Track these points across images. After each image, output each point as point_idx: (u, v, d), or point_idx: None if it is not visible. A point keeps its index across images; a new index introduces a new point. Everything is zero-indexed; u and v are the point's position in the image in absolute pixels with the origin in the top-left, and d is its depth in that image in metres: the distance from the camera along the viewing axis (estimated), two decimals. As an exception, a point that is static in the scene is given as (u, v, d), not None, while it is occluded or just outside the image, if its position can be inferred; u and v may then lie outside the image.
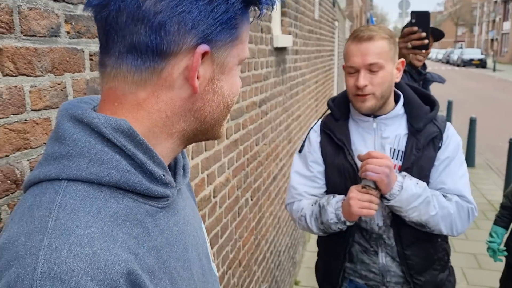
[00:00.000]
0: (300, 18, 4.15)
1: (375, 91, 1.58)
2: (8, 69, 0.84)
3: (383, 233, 1.70)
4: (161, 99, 0.63)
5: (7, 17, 0.83)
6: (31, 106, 0.90)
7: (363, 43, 1.56)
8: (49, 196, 0.57)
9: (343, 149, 1.70)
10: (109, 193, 0.59)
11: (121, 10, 0.58)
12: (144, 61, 0.60)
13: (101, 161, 0.59)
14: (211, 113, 0.68)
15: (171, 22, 0.58)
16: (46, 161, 0.61)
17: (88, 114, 0.60)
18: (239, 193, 2.48)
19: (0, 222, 0.83)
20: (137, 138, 0.61)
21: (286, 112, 3.64)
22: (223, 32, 0.63)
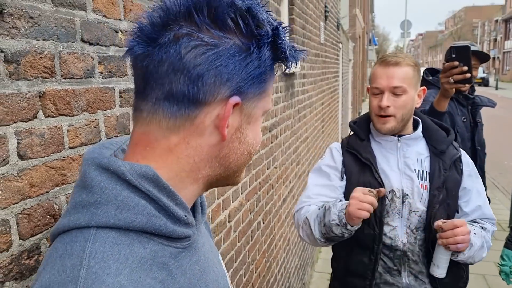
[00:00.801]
0: (307, 43, 4.24)
1: (396, 113, 1.69)
2: (49, 110, 0.89)
3: (408, 250, 1.74)
4: (190, 145, 0.67)
5: (50, 63, 0.89)
6: (68, 144, 0.95)
7: (390, 67, 1.69)
8: (80, 244, 0.59)
9: (369, 168, 1.77)
10: (135, 238, 0.62)
11: (163, 60, 0.62)
12: (179, 108, 0.64)
13: (128, 207, 0.62)
14: (235, 160, 0.72)
15: (208, 74, 0.62)
16: (75, 209, 0.63)
17: (114, 163, 0.63)
18: (252, 216, 2.52)
19: (40, 255, 0.88)
20: (161, 183, 0.64)
21: (294, 135, 3.70)
22: (253, 85, 0.67)
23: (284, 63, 0.70)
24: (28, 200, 0.84)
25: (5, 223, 0.79)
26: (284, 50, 0.67)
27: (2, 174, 0.78)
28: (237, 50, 0.63)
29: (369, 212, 1.54)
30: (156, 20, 0.63)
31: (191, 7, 0.62)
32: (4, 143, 0.78)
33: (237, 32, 0.63)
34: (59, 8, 0.91)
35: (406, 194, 1.74)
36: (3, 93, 0.78)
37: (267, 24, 0.65)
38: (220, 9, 0.62)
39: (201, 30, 0.62)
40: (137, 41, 0.64)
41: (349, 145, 1.86)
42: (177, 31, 0.62)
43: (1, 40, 0.77)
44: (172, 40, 0.62)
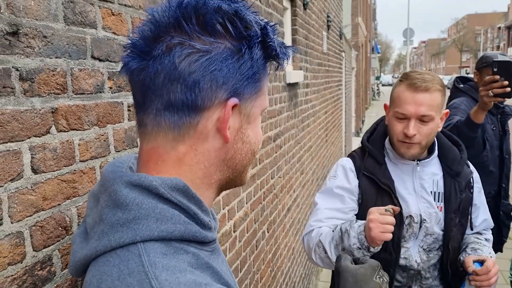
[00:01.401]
0: (310, 53, 4.28)
1: (421, 141, 1.62)
2: (61, 125, 0.92)
3: (422, 269, 1.72)
4: (199, 152, 0.68)
5: (62, 80, 0.92)
6: (79, 158, 0.98)
7: (419, 93, 1.57)
8: (134, 261, 0.60)
9: (388, 193, 1.69)
10: (178, 246, 0.64)
11: (159, 72, 0.64)
12: (180, 117, 0.66)
13: (166, 218, 0.63)
14: (241, 161, 0.74)
15: (204, 79, 0.64)
16: (113, 229, 0.63)
17: (145, 178, 0.65)
18: (257, 226, 2.54)
19: (52, 266, 0.90)
20: (190, 193, 0.67)
21: (298, 144, 3.72)
22: (249, 85, 0.69)
23: (276, 60, 0.72)
24: (41, 213, 0.87)
25: (19, 235, 0.82)
26: (275, 47, 0.69)
27: (17, 188, 0.81)
28: (229, 53, 0.65)
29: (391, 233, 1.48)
30: (147, 34, 0.65)
31: (179, 17, 0.64)
32: (19, 158, 0.81)
33: (227, 35, 0.65)
34: (71, 27, 0.94)
35: (424, 219, 1.69)
36: (18, 109, 0.81)
37: (255, 25, 0.67)
38: (208, 15, 0.64)
39: (192, 38, 0.64)
40: (131, 56, 0.66)
41: (366, 168, 1.75)
42: (169, 41, 0.63)
43: (16, 59, 0.80)
44: (165, 51, 0.63)
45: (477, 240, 1.76)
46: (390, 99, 1.70)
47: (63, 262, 0.93)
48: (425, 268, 1.73)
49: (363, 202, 1.74)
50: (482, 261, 1.60)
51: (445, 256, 1.72)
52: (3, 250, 0.78)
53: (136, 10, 1.20)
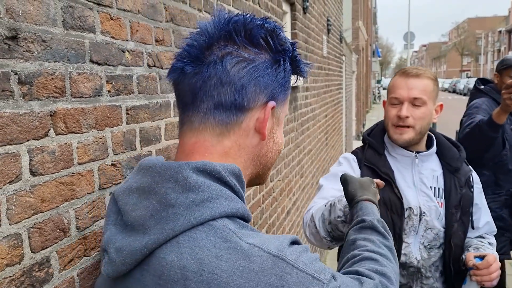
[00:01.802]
0: (310, 57, 4.29)
1: (415, 125, 1.67)
2: (60, 128, 0.93)
3: (421, 267, 1.73)
4: (241, 147, 0.79)
5: (61, 83, 0.93)
6: (77, 160, 0.99)
7: (410, 78, 1.69)
8: (223, 230, 0.68)
9: (389, 183, 1.71)
10: (240, 221, 0.73)
11: (212, 76, 0.74)
12: (228, 115, 0.76)
13: (231, 198, 0.73)
14: (271, 158, 0.85)
15: (250, 84, 0.75)
16: (188, 209, 0.69)
17: (210, 164, 0.73)
18: (256, 229, 2.54)
19: (49, 268, 0.91)
20: (241, 178, 0.77)
21: (298, 148, 3.73)
22: (281, 92, 0.81)
23: (300, 73, 0.84)
24: (40, 215, 0.88)
25: (17, 237, 0.83)
26: (301, 62, 0.83)
27: (15, 190, 0.82)
28: (269, 63, 0.77)
29: None
30: (202, 43, 0.75)
31: (231, 30, 0.75)
32: (18, 161, 0.82)
33: (268, 48, 0.77)
34: (69, 31, 0.95)
35: (423, 212, 1.71)
36: (17, 113, 0.82)
37: (288, 42, 0.80)
38: (254, 30, 0.76)
39: (240, 48, 0.75)
40: (186, 61, 0.76)
41: (367, 159, 1.80)
42: (222, 50, 0.75)
43: (15, 63, 0.82)
44: (219, 58, 0.74)
45: (479, 244, 1.77)
46: (387, 91, 1.79)
47: (61, 264, 0.94)
48: (425, 266, 1.73)
49: None
50: (483, 257, 1.61)
51: (447, 253, 1.72)
52: (1, 251, 0.79)
53: (135, 14, 1.22)
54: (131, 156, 1.20)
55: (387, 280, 0.84)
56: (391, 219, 1.71)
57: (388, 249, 0.98)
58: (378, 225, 1.05)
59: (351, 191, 1.26)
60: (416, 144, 1.74)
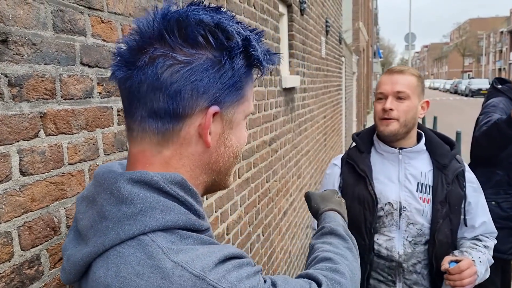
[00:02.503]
0: (308, 58, 4.31)
1: (399, 117, 1.74)
2: (50, 129, 0.96)
3: (403, 262, 1.76)
4: (183, 155, 0.73)
5: (51, 85, 0.95)
6: (68, 161, 1.01)
7: (394, 74, 1.78)
8: (150, 246, 0.64)
9: (364, 180, 1.82)
10: (182, 234, 0.68)
11: (142, 82, 0.68)
12: (163, 124, 0.70)
13: (169, 209, 0.68)
14: (224, 164, 0.78)
15: (185, 89, 0.68)
16: (120, 223, 0.67)
17: (146, 174, 0.69)
18: (251, 229, 2.56)
19: (40, 266, 0.93)
20: (187, 186, 0.72)
21: (295, 149, 3.75)
22: (230, 94, 0.73)
23: (259, 68, 0.76)
24: (29, 214, 0.90)
25: (7, 235, 0.85)
26: (257, 56, 0.73)
27: (5, 189, 0.84)
28: (210, 64, 0.69)
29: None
30: (133, 44, 0.69)
31: (162, 29, 0.68)
32: (7, 161, 0.85)
33: (208, 47, 0.69)
34: (60, 35, 0.98)
35: (403, 207, 1.77)
36: (6, 114, 0.84)
37: (237, 36, 0.70)
38: (190, 28, 0.68)
39: (174, 50, 0.68)
40: (118, 65, 0.70)
41: (349, 156, 1.93)
42: (152, 53, 0.67)
43: (5, 65, 0.84)
44: (149, 62, 0.67)
45: (472, 246, 1.78)
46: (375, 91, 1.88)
47: (51, 262, 0.96)
48: (407, 261, 1.77)
49: (344, 187, 1.88)
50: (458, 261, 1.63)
51: (430, 249, 1.75)
52: (-9, 249, 0.81)
53: (126, 17, 1.24)
54: (122, 156, 1.22)
55: (340, 275, 0.84)
56: (363, 214, 1.79)
57: (348, 249, 0.98)
58: (337, 228, 1.06)
59: (314, 206, 1.30)
60: (402, 139, 1.80)
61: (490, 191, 2.65)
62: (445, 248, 1.77)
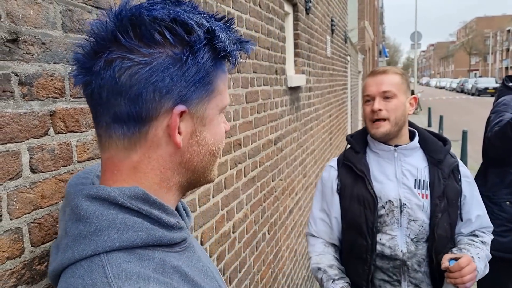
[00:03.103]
0: (313, 57, 4.32)
1: (389, 116, 1.76)
2: (59, 127, 0.97)
3: (407, 260, 1.76)
4: (152, 158, 0.70)
5: (60, 84, 0.97)
6: (77, 159, 1.03)
7: (377, 75, 1.81)
8: (98, 272, 0.61)
9: (363, 179, 1.83)
10: (142, 253, 0.65)
11: (102, 87, 0.65)
12: (128, 128, 0.67)
13: (127, 227, 0.65)
14: (200, 163, 0.74)
15: (146, 91, 0.64)
16: (76, 242, 0.65)
17: (103, 190, 0.66)
18: (257, 228, 2.57)
19: (49, 262, 0.95)
20: (151, 199, 0.68)
21: (300, 148, 3.76)
22: (197, 90, 0.68)
23: (228, 59, 0.72)
24: (39, 210, 0.92)
25: (18, 231, 0.86)
26: (224, 48, 0.68)
27: (16, 187, 0.86)
28: (170, 62, 0.65)
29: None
30: (88, 49, 0.66)
31: (115, 31, 0.64)
32: (18, 158, 0.86)
33: (167, 44, 0.65)
34: (68, 34, 0.99)
35: (404, 204, 1.78)
36: (17, 112, 0.86)
37: (198, 29, 0.65)
38: (144, 27, 0.64)
39: (131, 51, 0.64)
40: (76, 72, 0.67)
41: (345, 157, 1.94)
42: (107, 56, 0.64)
43: (16, 64, 0.85)
44: (105, 66, 0.64)
45: (470, 242, 1.79)
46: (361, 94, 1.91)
47: (60, 258, 0.98)
48: (411, 259, 1.77)
49: (342, 189, 1.89)
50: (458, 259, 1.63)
51: (430, 244, 1.76)
52: (3, 245, 0.83)
53: (134, 17, 1.25)
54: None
55: None
56: (364, 214, 1.80)
57: None
58: None
59: None
60: (395, 138, 1.82)
61: (504, 191, 2.62)
62: (445, 243, 1.78)
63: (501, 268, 2.60)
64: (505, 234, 2.56)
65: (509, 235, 2.56)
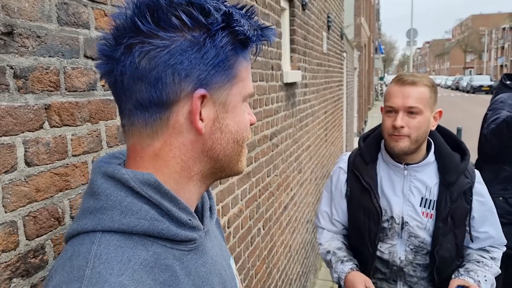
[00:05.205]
0: (309, 53, 4.32)
1: (411, 134, 1.63)
2: (54, 121, 0.97)
3: (404, 267, 1.77)
4: (174, 146, 0.69)
5: (55, 78, 0.97)
6: (72, 152, 1.03)
7: (406, 86, 1.63)
8: (86, 246, 0.63)
9: (369, 192, 1.77)
10: (139, 241, 0.65)
11: (123, 73, 0.65)
12: (151, 114, 0.67)
13: (132, 212, 0.65)
14: (223, 151, 0.73)
15: (166, 74, 0.65)
16: (83, 215, 0.67)
17: (118, 171, 0.67)
18: (252, 223, 2.58)
19: (44, 255, 0.95)
20: (162, 189, 0.68)
21: (296, 144, 3.76)
22: (217, 74, 0.68)
23: (249, 44, 0.71)
24: (34, 204, 0.92)
25: (13, 224, 0.86)
26: (243, 31, 0.67)
27: (10, 180, 0.86)
28: (188, 44, 0.65)
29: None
30: (110, 38, 0.67)
31: (134, 17, 0.64)
32: (13, 151, 0.86)
33: (185, 27, 0.65)
34: (64, 27, 0.99)
35: (405, 222, 1.74)
36: (12, 105, 0.86)
37: (215, 12, 0.66)
38: (161, 11, 0.64)
39: (150, 36, 0.64)
40: (100, 62, 0.68)
41: (354, 165, 1.85)
42: (127, 42, 0.65)
43: (11, 57, 0.85)
44: (126, 52, 0.65)
45: (479, 258, 1.75)
46: (384, 98, 1.75)
47: (55, 251, 0.98)
48: (407, 265, 1.77)
49: (351, 195, 1.86)
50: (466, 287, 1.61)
51: (431, 263, 1.74)
52: (-3, 238, 0.83)
53: (129, 11, 1.25)
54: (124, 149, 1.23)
55: None
56: (368, 225, 1.77)
57: None
58: None
59: None
60: (412, 153, 1.71)
61: (498, 187, 2.65)
62: (448, 263, 1.75)
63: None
64: None
65: None
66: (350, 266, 1.75)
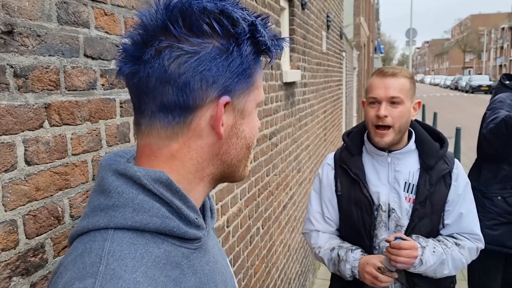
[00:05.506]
0: (308, 52, 4.32)
1: (394, 124, 1.70)
2: (54, 120, 0.97)
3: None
4: (192, 148, 0.71)
5: (55, 77, 0.97)
6: (71, 151, 1.03)
7: (387, 78, 1.72)
8: (98, 243, 0.63)
9: (358, 183, 1.82)
10: (150, 238, 0.66)
11: (150, 75, 0.66)
12: (174, 117, 0.68)
13: (144, 209, 0.66)
14: (236, 155, 0.75)
15: (194, 80, 0.66)
16: (93, 212, 0.67)
17: (130, 168, 0.67)
18: (251, 222, 2.58)
19: (44, 254, 0.95)
20: (174, 187, 0.68)
21: (295, 143, 3.77)
22: (240, 82, 0.70)
23: (268, 54, 0.74)
24: (34, 203, 0.92)
25: (13, 223, 0.86)
26: (264, 42, 0.71)
27: (10, 179, 0.86)
28: (217, 52, 0.67)
29: None
30: (137, 39, 0.67)
31: (166, 20, 0.65)
32: (13, 150, 0.86)
33: (214, 35, 0.67)
34: (64, 27, 0.99)
35: (392, 209, 1.77)
36: (12, 104, 0.86)
37: (243, 22, 0.68)
38: (194, 17, 0.66)
39: (180, 40, 0.65)
40: (124, 61, 0.68)
41: (341, 160, 1.91)
42: (157, 45, 0.65)
43: (11, 56, 0.85)
44: (155, 55, 0.65)
45: (441, 238, 1.77)
46: (365, 91, 1.82)
47: (55, 250, 0.98)
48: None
49: (341, 190, 1.88)
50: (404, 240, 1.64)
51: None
52: (-3, 236, 0.83)
53: (129, 10, 1.25)
54: (125, 148, 1.23)
55: None
56: (361, 217, 1.80)
57: None
58: None
59: None
60: (396, 144, 1.77)
61: (497, 186, 2.66)
62: None
63: (491, 261, 2.65)
64: (496, 228, 2.62)
65: (499, 228, 2.61)
66: (360, 251, 1.77)
